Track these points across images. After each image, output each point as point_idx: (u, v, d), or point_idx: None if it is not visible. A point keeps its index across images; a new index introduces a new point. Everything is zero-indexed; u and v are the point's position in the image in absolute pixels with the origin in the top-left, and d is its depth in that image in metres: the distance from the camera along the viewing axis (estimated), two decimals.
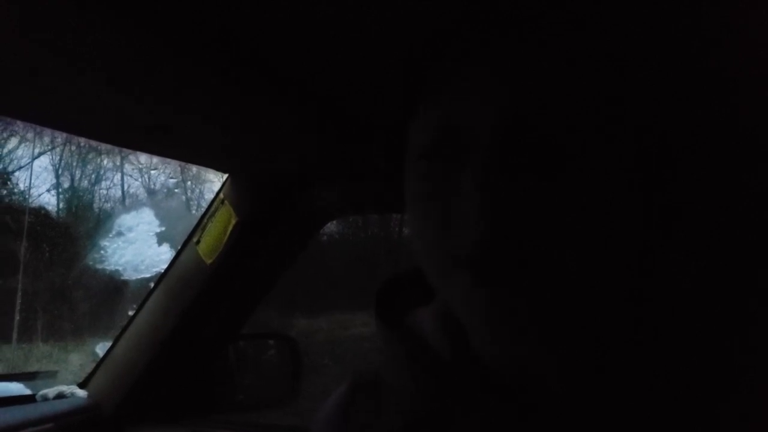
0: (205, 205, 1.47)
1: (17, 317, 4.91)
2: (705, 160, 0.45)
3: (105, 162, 6.20)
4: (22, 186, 5.91)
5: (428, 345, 0.56)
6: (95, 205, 6.21)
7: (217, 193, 1.40)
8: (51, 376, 1.61)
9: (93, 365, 1.57)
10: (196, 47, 0.68)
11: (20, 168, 5.81)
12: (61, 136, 5.67)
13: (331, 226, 5.84)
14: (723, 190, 0.45)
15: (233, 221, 1.34)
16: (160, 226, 4.75)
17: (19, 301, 4.93)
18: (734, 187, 0.45)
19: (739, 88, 0.47)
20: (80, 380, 1.54)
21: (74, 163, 6.16)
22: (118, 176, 6.26)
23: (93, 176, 6.22)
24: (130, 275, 4.73)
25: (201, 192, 5.95)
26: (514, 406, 0.49)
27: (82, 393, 1.49)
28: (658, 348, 0.48)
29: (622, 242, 0.47)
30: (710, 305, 0.47)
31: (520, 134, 0.45)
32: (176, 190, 5.98)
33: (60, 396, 1.46)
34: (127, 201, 6.10)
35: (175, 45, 0.66)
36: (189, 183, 6.02)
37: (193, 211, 5.76)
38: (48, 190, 5.92)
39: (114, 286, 4.98)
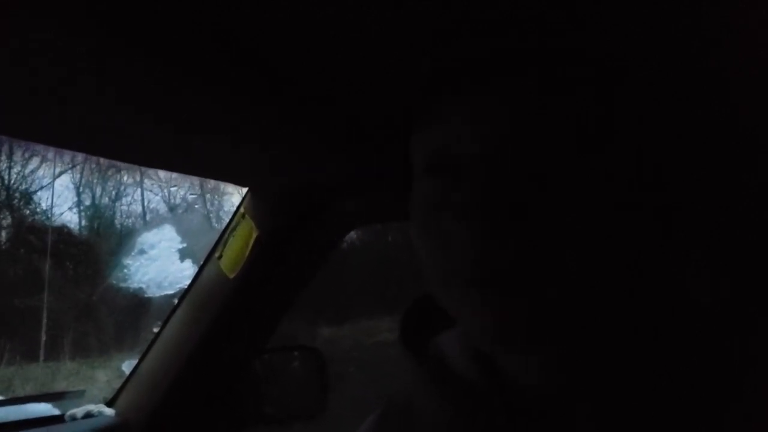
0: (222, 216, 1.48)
1: (44, 337, 4.96)
2: (705, 160, 0.46)
3: (126, 178, 6.27)
4: (44, 205, 5.99)
5: (454, 369, 0.56)
6: (117, 222, 6.27)
7: (238, 208, 1.41)
8: (78, 396, 1.62)
9: (119, 381, 1.58)
10: (205, 65, 0.68)
11: (42, 188, 5.89)
12: (79, 156, 5.73)
13: (352, 233, 5.84)
14: (723, 190, 0.45)
15: (254, 235, 1.34)
16: (182, 242, 4.78)
17: (45, 320, 4.98)
18: (734, 187, 0.45)
19: (739, 88, 0.47)
20: (108, 398, 1.55)
21: (94, 181, 6.23)
22: (138, 192, 6.33)
23: (114, 193, 6.29)
24: (154, 292, 4.77)
25: (221, 204, 5.99)
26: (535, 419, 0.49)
27: (110, 411, 1.50)
28: (660, 348, 0.48)
29: (622, 243, 0.47)
30: (711, 305, 0.47)
31: (510, 157, 0.45)
32: (196, 206, 6.02)
33: (88, 415, 1.48)
34: (149, 216, 6.16)
35: (184, 65, 0.66)
36: (208, 195, 6.06)
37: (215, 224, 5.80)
38: (70, 209, 5.99)
39: (138, 303, 5.02)
